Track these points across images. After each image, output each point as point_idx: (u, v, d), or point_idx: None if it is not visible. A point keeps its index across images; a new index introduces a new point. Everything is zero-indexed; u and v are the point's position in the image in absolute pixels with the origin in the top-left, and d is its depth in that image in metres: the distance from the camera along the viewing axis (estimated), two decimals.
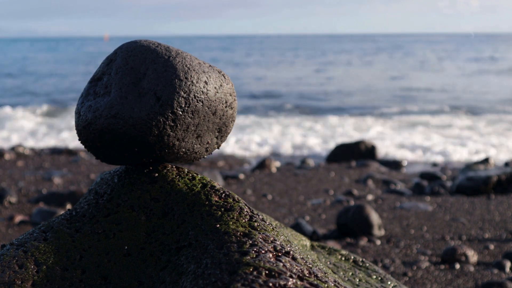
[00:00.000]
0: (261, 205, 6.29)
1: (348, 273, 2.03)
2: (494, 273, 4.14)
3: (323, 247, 2.28)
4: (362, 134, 12.39)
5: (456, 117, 15.20)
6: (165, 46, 1.80)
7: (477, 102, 18.23)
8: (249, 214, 1.72)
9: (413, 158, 10.19)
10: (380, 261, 4.39)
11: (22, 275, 1.63)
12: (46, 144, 11.69)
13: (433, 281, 4.02)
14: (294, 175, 8.15)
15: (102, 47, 75.51)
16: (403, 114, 15.98)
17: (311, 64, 37.35)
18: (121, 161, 1.83)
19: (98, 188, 1.90)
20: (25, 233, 1.81)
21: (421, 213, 5.86)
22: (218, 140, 1.91)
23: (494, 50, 54.45)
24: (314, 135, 12.48)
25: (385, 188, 7.36)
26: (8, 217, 5.64)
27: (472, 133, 12.58)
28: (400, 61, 40.19)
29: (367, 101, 18.82)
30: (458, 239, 4.98)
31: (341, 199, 6.52)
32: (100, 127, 1.73)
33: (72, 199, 6.18)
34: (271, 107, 17.62)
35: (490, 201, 6.39)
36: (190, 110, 1.75)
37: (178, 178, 1.84)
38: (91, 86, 1.84)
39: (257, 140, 11.58)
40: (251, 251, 1.53)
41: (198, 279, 1.48)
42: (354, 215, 5.06)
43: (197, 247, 1.61)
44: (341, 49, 64.17)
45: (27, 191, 6.81)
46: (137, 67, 1.74)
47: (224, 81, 1.85)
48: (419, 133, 12.73)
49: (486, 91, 21.43)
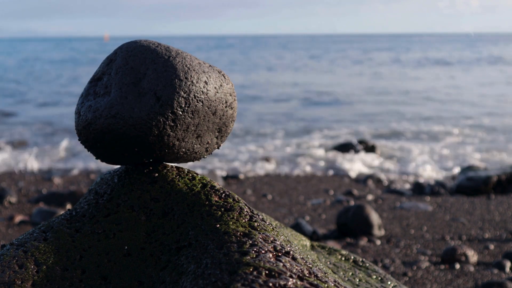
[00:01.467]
0: (261, 205, 6.29)
1: (348, 273, 2.03)
2: (494, 273, 4.14)
3: (323, 247, 2.28)
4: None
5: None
6: (165, 46, 1.80)
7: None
8: (249, 214, 1.73)
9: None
10: (380, 261, 4.39)
11: (22, 275, 1.63)
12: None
13: (433, 281, 4.02)
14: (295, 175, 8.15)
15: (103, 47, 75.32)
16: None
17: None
18: (121, 161, 1.83)
19: (98, 188, 1.90)
20: (25, 233, 1.81)
21: (421, 213, 5.86)
22: (218, 140, 1.91)
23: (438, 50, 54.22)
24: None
25: (385, 188, 7.36)
26: (8, 217, 5.64)
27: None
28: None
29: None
30: (458, 239, 4.98)
31: (341, 199, 6.52)
32: (100, 127, 1.73)
33: (72, 199, 6.18)
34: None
35: (490, 201, 6.39)
36: (190, 110, 1.75)
37: (178, 178, 1.84)
38: (91, 86, 1.84)
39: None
40: (251, 251, 1.53)
41: (198, 279, 1.48)
42: (354, 215, 5.06)
43: (197, 247, 1.61)
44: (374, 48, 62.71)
45: (27, 191, 6.81)
46: (137, 67, 1.74)
47: (224, 81, 1.85)
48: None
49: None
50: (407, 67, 33.05)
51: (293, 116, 15.20)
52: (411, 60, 39.22)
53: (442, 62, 36.81)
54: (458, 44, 74.93)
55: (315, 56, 46.50)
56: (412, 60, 39.20)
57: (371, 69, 31.59)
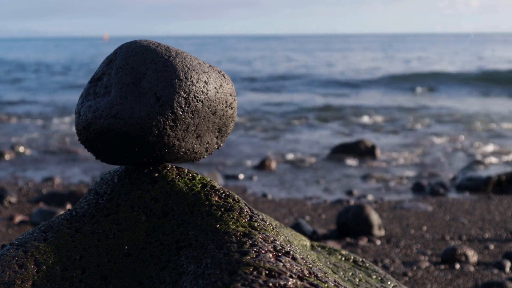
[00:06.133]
0: (261, 205, 6.29)
1: (348, 273, 2.03)
2: (494, 273, 4.14)
3: (323, 247, 2.28)
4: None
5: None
6: (165, 46, 1.80)
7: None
8: (249, 214, 1.73)
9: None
10: (380, 261, 4.39)
11: (22, 275, 1.63)
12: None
13: (433, 281, 4.01)
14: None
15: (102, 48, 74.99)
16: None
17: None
18: (121, 161, 1.83)
19: (98, 188, 1.90)
20: (25, 233, 1.81)
21: (421, 213, 5.86)
22: (218, 140, 1.91)
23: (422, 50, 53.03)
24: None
25: (385, 188, 7.36)
26: (8, 217, 5.64)
27: None
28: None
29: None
30: (458, 239, 4.98)
31: (341, 199, 6.52)
32: (100, 127, 1.73)
33: (72, 199, 6.18)
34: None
35: (490, 201, 6.39)
36: (190, 110, 1.75)
37: (178, 178, 1.84)
38: (91, 86, 1.84)
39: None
40: (251, 251, 1.53)
41: (198, 279, 1.48)
42: (354, 215, 5.05)
43: (197, 247, 1.61)
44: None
45: (27, 191, 6.81)
46: (137, 67, 1.74)
47: (224, 81, 1.85)
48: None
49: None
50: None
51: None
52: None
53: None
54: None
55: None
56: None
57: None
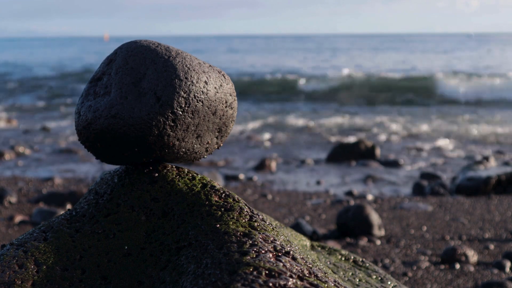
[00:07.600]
0: (261, 205, 6.29)
1: (348, 273, 2.03)
2: (494, 273, 4.14)
3: (323, 247, 2.28)
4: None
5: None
6: (165, 46, 1.80)
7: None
8: (249, 214, 1.73)
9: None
10: (380, 261, 4.39)
11: (22, 275, 1.63)
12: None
13: (433, 281, 4.02)
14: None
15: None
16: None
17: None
18: (121, 161, 1.83)
19: (98, 188, 1.90)
20: (25, 233, 1.81)
21: (421, 213, 5.86)
22: (218, 140, 1.91)
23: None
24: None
25: (385, 188, 7.36)
26: (8, 217, 5.64)
27: None
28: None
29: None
30: (458, 239, 4.98)
31: (341, 199, 6.52)
32: (100, 127, 1.73)
33: (72, 199, 6.18)
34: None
35: (490, 201, 6.39)
36: (190, 110, 1.75)
37: (178, 178, 1.84)
38: (91, 86, 1.84)
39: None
40: (251, 251, 1.53)
41: (198, 279, 1.48)
42: (354, 215, 5.06)
43: (197, 247, 1.61)
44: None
45: (27, 191, 6.81)
46: (137, 67, 1.74)
47: (224, 81, 1.85)
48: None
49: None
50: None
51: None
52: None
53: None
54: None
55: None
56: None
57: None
